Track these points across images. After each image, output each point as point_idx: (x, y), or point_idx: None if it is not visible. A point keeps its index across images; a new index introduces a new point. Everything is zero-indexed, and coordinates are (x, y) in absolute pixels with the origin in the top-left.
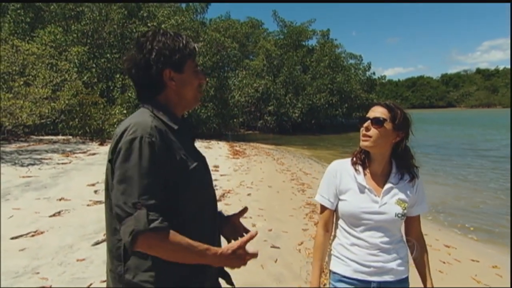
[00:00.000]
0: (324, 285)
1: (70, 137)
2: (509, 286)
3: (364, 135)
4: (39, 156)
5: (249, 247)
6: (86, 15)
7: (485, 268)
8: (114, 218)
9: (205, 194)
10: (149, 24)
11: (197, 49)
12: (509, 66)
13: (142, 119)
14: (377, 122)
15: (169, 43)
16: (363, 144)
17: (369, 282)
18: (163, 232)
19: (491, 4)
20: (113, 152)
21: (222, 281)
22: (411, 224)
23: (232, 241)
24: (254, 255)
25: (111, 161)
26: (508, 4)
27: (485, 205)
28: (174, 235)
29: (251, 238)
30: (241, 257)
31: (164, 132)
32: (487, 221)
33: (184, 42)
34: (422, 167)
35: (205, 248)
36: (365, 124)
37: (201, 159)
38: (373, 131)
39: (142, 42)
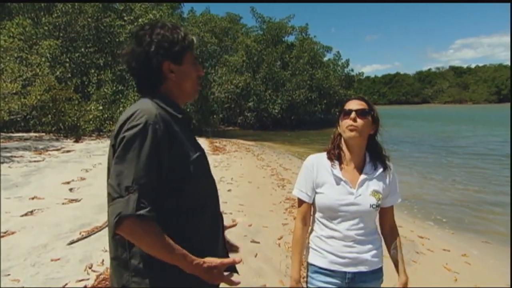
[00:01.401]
0: (304, 278)
1: (43, 134)
2: (509, 286)
3: (351, 126)
4: (9, 154)
5: (227, 274)
6: (57, 8)
7: (455, 256)
8: None
9: (207, 185)
10: (125, 18)
11: (195, 41)
12: (481, 64)
13: (147, 106)
14: (363, 113)
15: (168, 35)
16: (350, 134)
17: (344, 272)
18: (149, 221)
19: (463, 4)
20: (116, 137)
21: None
22: (385, 214)
23: None
24: (230, 282)
25: (114, 146)
26: (499, 4)
27: (457, 198)
28: (158, 230)
29: (233, 263)
30: (214, 277)
31: (168, 121)
32: (458, 213)
33: (182, 34)
34: (398, 162)
35: (183, 254)
36: (352, 115)
37: (202, 150)
38: (359, 122)
39: (141, 35)
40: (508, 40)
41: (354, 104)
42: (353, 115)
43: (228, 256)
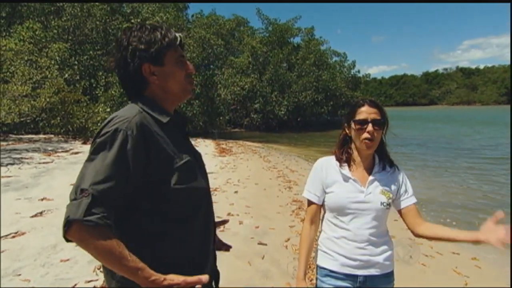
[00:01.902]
0: (311, 280)
1: (52, 135)
2: (508, 285)
3: (368, 140)
4: (19, 156)
5: None
6: (66, 11)
7: (465, 260)
8: None
9: (196, 194)
10: (132, 21)
11: (178, 38)
12: (489, 65)
13: (125, 113)
14: (380, 124)
15: (144, 37)
16: (368, 150)
17: (356, 276)
18: (98, 228)
19: (471, 4)
20: (93, 143)
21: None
22: (413, 216)
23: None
24: None
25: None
26: (499, 4)
27: (467, 201)
28: (110, 239)
29: (199, 283)
30: None
31: (147, 127)
32: (468, 216)
33: (162, 33)
34: (407, 164)
35: (138, 267)
36: (369, 129)
37: (195, 156)
38: (377, 134)
39: (120, 39)
40: None
41: (368, 112)
42: (370, 128)
43: (216, 266)
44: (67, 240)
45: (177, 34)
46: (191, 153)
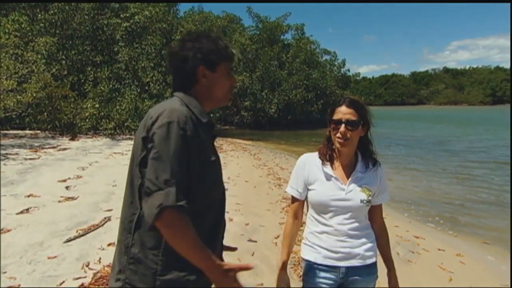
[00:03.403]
0: (300, 276)
1: (39, 131)
2: (508, 286)
3: (341, 139)
4: (4, 152)
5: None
6: (54, 4)
7: (450, 256)
8: (133, 192)
9: (216, 190)
10: (121, 16)
11: (234, 54)
12: (475, 66)
13: (176, 106)
14: (353, 125)
15: (207, 44)
16: (340, 148)
17: (338, 267)
18: (185, 214)
19: (460, 5)
20: (148, 131)
21: None
22: (374, 213)
23: None
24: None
25: (144, 138)
26: (496, 4)
27: (453, 199)
28: (191, 225)
29: (247, 268)
30: (229, 281)
31: (195, 122)
32: (454, 214)
33: (222, 45)
34: (394, 163)
35: (209, 254)
36: (341, 129)
37: (218, 157)
38: (349, 134)
39: (186, 40)
40: (504, 42)
41: (343, 113)
42: (342, 128)
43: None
44: (152, 229)
45: (234, 51)
46: (216, 154)
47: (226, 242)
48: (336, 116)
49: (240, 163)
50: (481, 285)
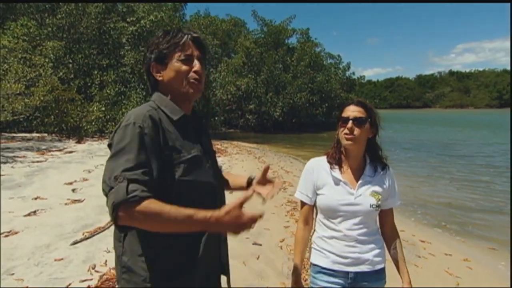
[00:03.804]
0: (306, 280)
1: (45, 134)
2: (509, 286)
3: (347, 135)
4: (11, 154)
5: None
6: (61, 9)
7: (457, 261)
8: None
9: (200, 188)
10: (128, 20)
11: (186, 37)
12: (481, 69)
13: (140, 109)
14: (360, 122)
15: (159, 39)
16: (347, 143)
17: (347, 272)
18: (143, 200)
19: (466, 6)
20: (112, 137)
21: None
22: (386, 217)
23: None
24: (255, 218)
25: (109, 146)
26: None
27: (460, 204)
28: (154, 202)
29: (246, 198)
30: (238, 219)
31: (159, 121)
32: (461, 218)
33: (172, 34)
34: (401, 166)
35: (192, 213)
36: (348, 125)
37: (206, 152)
38: (357, 131)
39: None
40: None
41: (351, 111)
42: (349, 124)
43: (225, 268)
44: (121, 229)
45: (188, 34)
46: (202, 149)
47: (231, 245)
48: (344, 114)
49: (245, 166)
50: None
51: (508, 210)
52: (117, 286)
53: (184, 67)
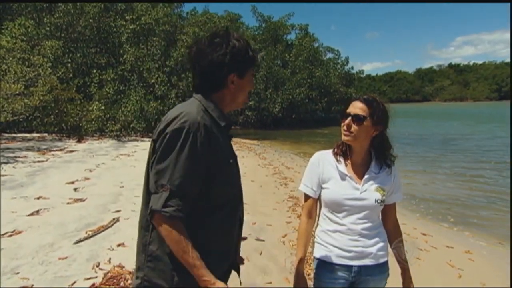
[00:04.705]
0: (309, 275)
1: (46, 134)
2: (509, 286)
3: (346, 131)
4: (12, 154)
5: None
6: (59, 8)
7: (458, 253)
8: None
9: (233, 190)
10: (126, 18)
11: (259, 60)
12: (480, 61)
13: (193, 110)
14: (358, 119)
15: (242, 51)
16: (344, 138)
17: (350, 266)
18: (172, 219)
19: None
20: (160, 134)
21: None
22: (388, 212)
23: None
24: None
25: (155, 141)
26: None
27: (462, 197)
28: (179, 231)
29: None
30: None
31: (209, 127)
32: (463, 211)
33: (251, 50)
34: (403, 160)
35: (195, 265)
36: (346, 122)
37: (235, 158)
38: (354, 128)
39: (217, 42)
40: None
41: (353, 107)
42: (348, 121)
43: (237, 265)
44: (152, 226)
45: (258, 54)
46: (233, 154)
47: None
48: (347, 109)
49: (246, 163)
50: (491, 282)
51: (508, 204)
52: (137, 275)
53: (251, 85)
